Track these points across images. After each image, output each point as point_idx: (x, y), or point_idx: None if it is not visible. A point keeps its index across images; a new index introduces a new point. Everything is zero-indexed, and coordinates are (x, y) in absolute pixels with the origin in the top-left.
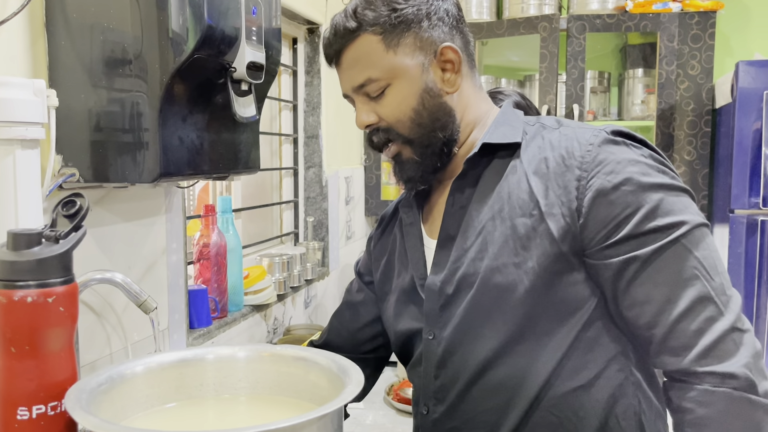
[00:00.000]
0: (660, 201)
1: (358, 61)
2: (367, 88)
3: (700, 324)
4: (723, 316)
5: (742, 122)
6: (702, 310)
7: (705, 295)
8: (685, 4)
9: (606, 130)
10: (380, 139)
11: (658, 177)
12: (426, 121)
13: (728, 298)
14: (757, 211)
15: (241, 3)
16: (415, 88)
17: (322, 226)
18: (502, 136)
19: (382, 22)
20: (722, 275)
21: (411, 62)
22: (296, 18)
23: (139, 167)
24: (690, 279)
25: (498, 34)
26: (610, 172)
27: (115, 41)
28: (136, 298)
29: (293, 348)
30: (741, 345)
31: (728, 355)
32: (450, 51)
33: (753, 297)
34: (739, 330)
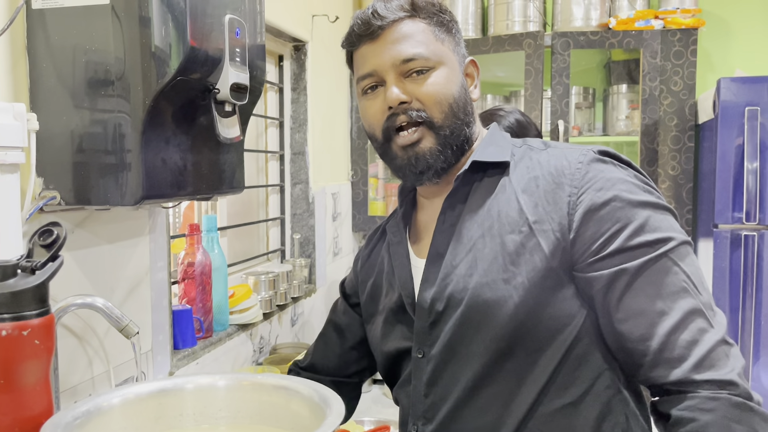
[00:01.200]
0: (648, 218)
1: (410, 36)
2: (413, 63)
3: (693, 335)
4: (713, 328)
5: (724, 138)
6: (694, 322)
7: (696, 307)
8: (667, 22)
9: (593, 150)
10: (407, 119)
11: (644, 195)
12: (459, 111)
13: (715, 313)
14: (741, 225)
15: (225, 24)
16: (457, 78)
17: (308, 243)
18: (492, 154)
19: (433, 16)
20: (708, 292)
21: (453, 57)
22: (282, 36)
23: (122, 189)
24: (680, 292)
25: (483, 51)
26: (599, 189)
27: (98, 63)
28: (118, 323)
29: (274, 377)
30: (731, 356)
31: (722, 364)
32: (472, 65)
33: (738, 311)
34: (728, 343)
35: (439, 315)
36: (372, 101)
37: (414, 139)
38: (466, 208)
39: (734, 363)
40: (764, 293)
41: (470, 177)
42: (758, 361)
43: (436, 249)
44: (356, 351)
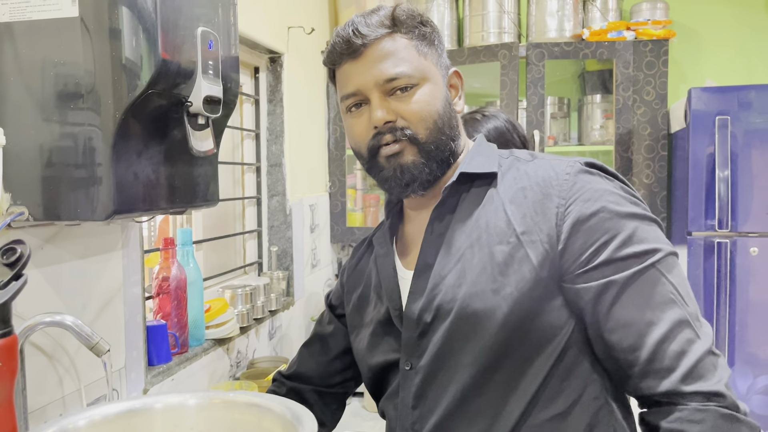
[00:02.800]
0: (635, 229)
1: (392, 54)
2: (397, 82)
3: (681, 345)
4: (700, 339)
5: (696, 146)
6: (682, 333)
7: (683, 318)
8: (638, 33)
9: (580, 162)
10: (393, 138)
11: (631, 207)
12: (445, 127)
13: (701, 324)
14: (713, 233)
15: (197, 37)
16: (441, 94)
17: (286, 255)
18: (479, 165)
19: (415, 30)
20: (694, 302)
21: (437, 71)
22: (257, 47)
23: (92, 204)
24: (668, 303)
25: (459, 62)
26: (587, 200)
27: (67, 76)
28: (88, 341)
29: (246, 394)
30: (718, 367)
31: (710, 375)
32: (456, 76)
33: (712, 317)
34: (714, 354)
35: (427, 326)
36: (357, 119)
37: (396, 149)
38: (454, 218)
39: (721, 374)
40: (738, 300)
41: (458, 188)
42: (733, 367)
43: (425, 260)
44: (340, 361)
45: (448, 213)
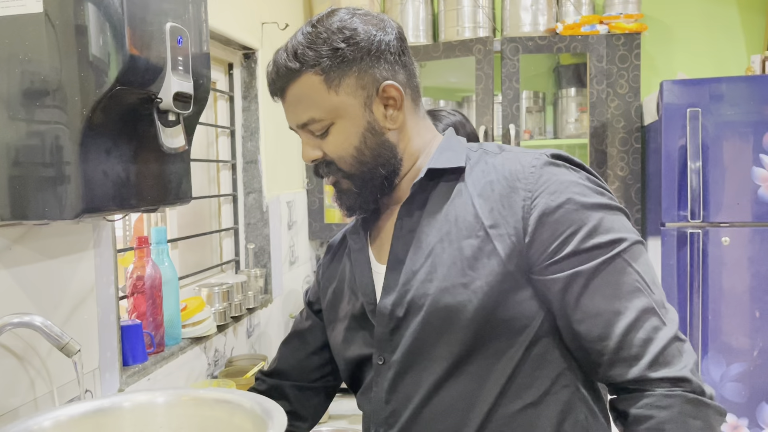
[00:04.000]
0: (601, 219)
1: (300, 100)
2: (311, 127)
3: (647, 333)
4: (665, 326)
5: (668, 139)
6: (647, 321)
7: (649, 306)
8: (611, 27)
9: (546, 154)
10: (323, 172)
11: (597, 198)
12: (368, 158)
13: (667, 310)
14: (686, 223)
15: (166, 32)
16: (357, 127)
17: (264, 253)
18: (447, 161)
19: (323, 63)
20: (660, 289)
21: (353, 102)
22: (231, 44)
23: (61, 203)
24: (634, 291)
25: (434, 57)
26: (553, 192)
27: (33, 73)
28: (58, 341)
29: (216, 391)
30: (684, 352)
31: (675, 361)
32: (392, 89)
33: (686, 306)
34: (680, 340)
35: (399, 321)
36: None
37: (332, 181)
38: (424, 214)
39: (687, 359)
40: (710, 288)
41: (426, 184)
42: (706, 355)
43: (396, 255)
44: (318, 356)
45: (417, 209)
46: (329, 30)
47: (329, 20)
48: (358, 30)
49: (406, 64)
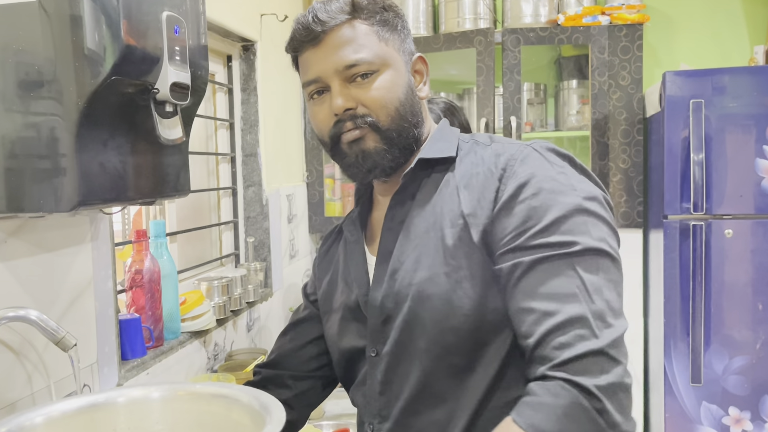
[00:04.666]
0: (560, 219)
1: (351, 41)
2: (357, 68)
3: (569, 339)
4: (596, 339)
5: (671, 130)
6: (574, 328)
7: (581, 315)
8: (613, 17)
9: (533, 146)
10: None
11: (569, 197)
12: (407, 114)
13: (607, 325)
14: (689, 216)
15: (163, 22)
16: (403, 80)
17: (263, 246)
18: (438, 151)
19: (377, 16)
20: (608, 303)
21: (399, 57)
22: (230, 35)
23: (57, 195)
24: (570, 296)
25: (435, 49)
26: (521, 184)
27: (28, 64)
28: (53, 336)
29: (213, 385)
30: (604, 372)
31: (587, 372)
32: (421, 61)
33: (688, 299)
34: (608, 357)
35: (390, 312)
36: (319, 107)
37: (357, 135)
38: (414, 204)
39: (604, 378)
40: (713, 281)
41: (418, 174)
42: (709, 349)
43: (385, 246)
44: (315, 346)
45: (408, 199)
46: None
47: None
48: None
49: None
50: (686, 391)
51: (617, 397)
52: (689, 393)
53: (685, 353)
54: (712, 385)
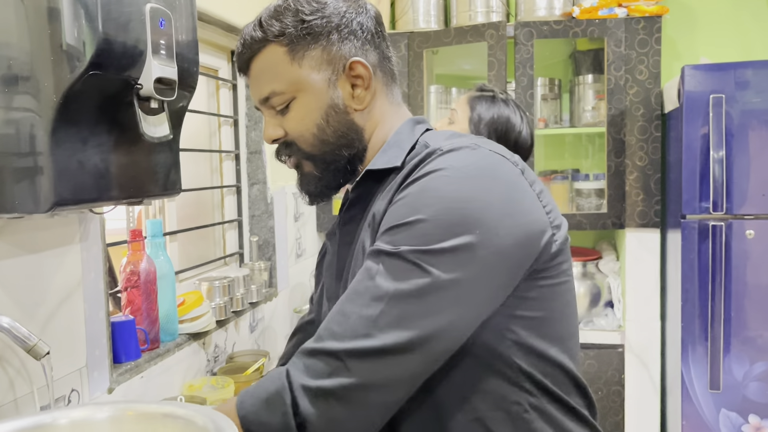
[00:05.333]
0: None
1: (263, 72)
2: (272, 101)
3: (323, 328)
4: (338, 340)
5: (689, 127)
6: (332, 320)
7: (346, 311)
8: (630, 10)
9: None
10: (284, 153)
11: (442, 203)
12: (330, 137)
13: (364, 336)
14: (708, 216)
15: (146, 14)
16: (319, 102)
17: (268, 245)
18: (386, 161)
19: (288, 33)
20: (383, 315)
21: (317, 76)
22: (233, 30)
23: (33, 195)
24: (352, 291)
25: (445, 43)
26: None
27: (4, 57)
28: (24, 343)
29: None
30: (325, 375)
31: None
32: (360, 66)
33: (707, 303)
34: (338, 360)
35: None
36: None
37: (292, 164)
38: (364, 218)
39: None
40: (734, 284)
41: (370, 186)
42: (729, 354)
43: (340, 264)
44: None
45: (359, 213)
46: (298, 1)
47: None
48: (328, 4)
49: (379, 47)
50: (704, 397)
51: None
52: (707, 399)
53: (704, 358)
54: (732, 392)
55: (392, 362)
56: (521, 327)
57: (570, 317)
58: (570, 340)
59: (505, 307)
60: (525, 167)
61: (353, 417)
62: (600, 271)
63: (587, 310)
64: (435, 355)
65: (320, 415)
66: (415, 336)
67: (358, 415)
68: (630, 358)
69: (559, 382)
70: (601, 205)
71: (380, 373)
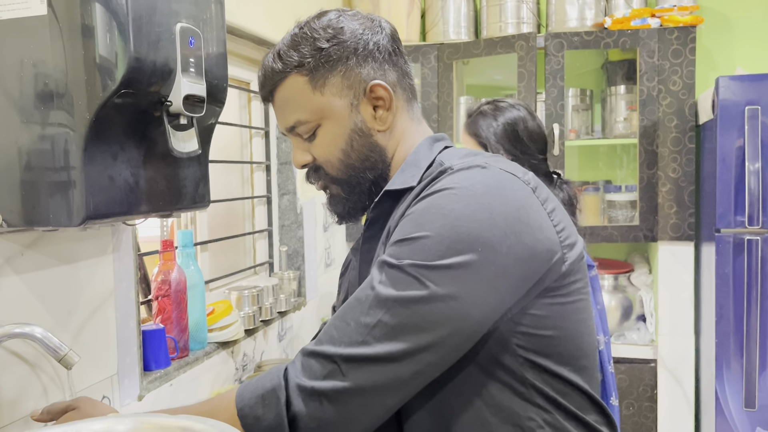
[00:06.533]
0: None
1: (287, 102)
2: (298, 129)
3: (323, 332)
4: (335, 345)
5: (724, 139)
6: (333, 325)
7: (346, 317)
8: (663, 20)
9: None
10: (312, 178)
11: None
12: (355, 162)
13: (360, 343)
14: (743, 229)
15: (176, 33)
16: (343, 128)
17: (297, 255)
18: (402, 181)
19: (307, 63)
20: (379, 324)
21: (339, 102)
22: (264, 43)
23: (66, 209)
24: (354, 299)
25: (475, 54)
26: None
27: (39, 76)
28: (56, 353)
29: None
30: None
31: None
32: (380, 88)
33: (742, 319)
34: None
35: None
36: None
37: (321, 186)
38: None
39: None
40: None
41: (388, 205)
42: (765, 371)
43: (362, 279)
44: None
45: (378, 231)
46: (314, 30)
47: (315, 21)
48: (344, 29)
49: (397, 64)
50: (739, 415)
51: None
52: (742, 418)
53: (739, 375)
54: (767, 410)
55: (385, 370)
56: (532, 345)
57: (584, 336)
58: (584, 359)
59: (515, 324)
60: (538, 185)
61: (343, 420)
62: (632, 284)
63: (618, 323)
64: (427, 366)
65: (311, 415)
66: (408, 347)
67: (347, 418)
68: (663, 374)
69: (574, 399)
70: (633, 217)
71: (372, 380)
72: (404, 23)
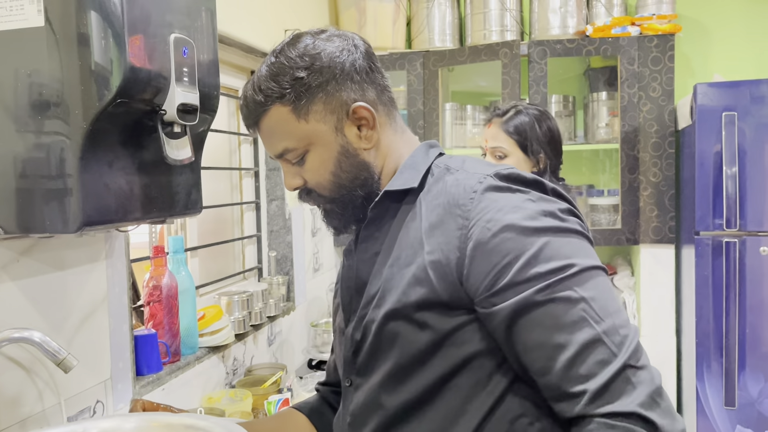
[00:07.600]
0: (543, 245)
1: (273, 132)
2: (287, 156)
3: (590, 368)
4: (615, 357)
5: (702, 144)
6: (591, 354)
7: (595, 338)
8: (643, 28)
9: (492, 174)
10: (306, 199)
11: (542, 221)
12: (345, 182)
13: (622, 338)
14: (722, 232)
15: (170, 44)
16: (330, 152)
17: (286, 260)
18: (403, 182)
19: (288, 94)
20: (615, 315)
21: (324, 127)
22: (253, 51)
23: (63, 216)
24: (578, 323)
25: (460, 61)
26: (489, 221)
27: (35, 86)
28: (55, 357)
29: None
30: (637, 384)
31: (621, 394)
32: (362, 110)
33: (721, 320)
34: (634, 367)
35: (358, 344)
36: None
37: (314, 204)
38: (388, 235)
39: (640, 392)
40: (748, 300)
41: (388, 205)
42: (744, 371)
43: (360, 278)
44: None
45: (377, 231)
46: (290, 59)
47: (291, 49)
48: (321, 55)
49: (375, 81)
50: (720, 414)
51: (657, 404)
52: (723, 416)
53: (719, 375)
54: (747, 409)
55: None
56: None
57: None
58: None
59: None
60: None
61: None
62: (615, 286)
63: None
64: None
65: (663, 415)
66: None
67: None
68: None
69: None
70: (615, 221)
71: (645, 354)
72: (390, 31)
